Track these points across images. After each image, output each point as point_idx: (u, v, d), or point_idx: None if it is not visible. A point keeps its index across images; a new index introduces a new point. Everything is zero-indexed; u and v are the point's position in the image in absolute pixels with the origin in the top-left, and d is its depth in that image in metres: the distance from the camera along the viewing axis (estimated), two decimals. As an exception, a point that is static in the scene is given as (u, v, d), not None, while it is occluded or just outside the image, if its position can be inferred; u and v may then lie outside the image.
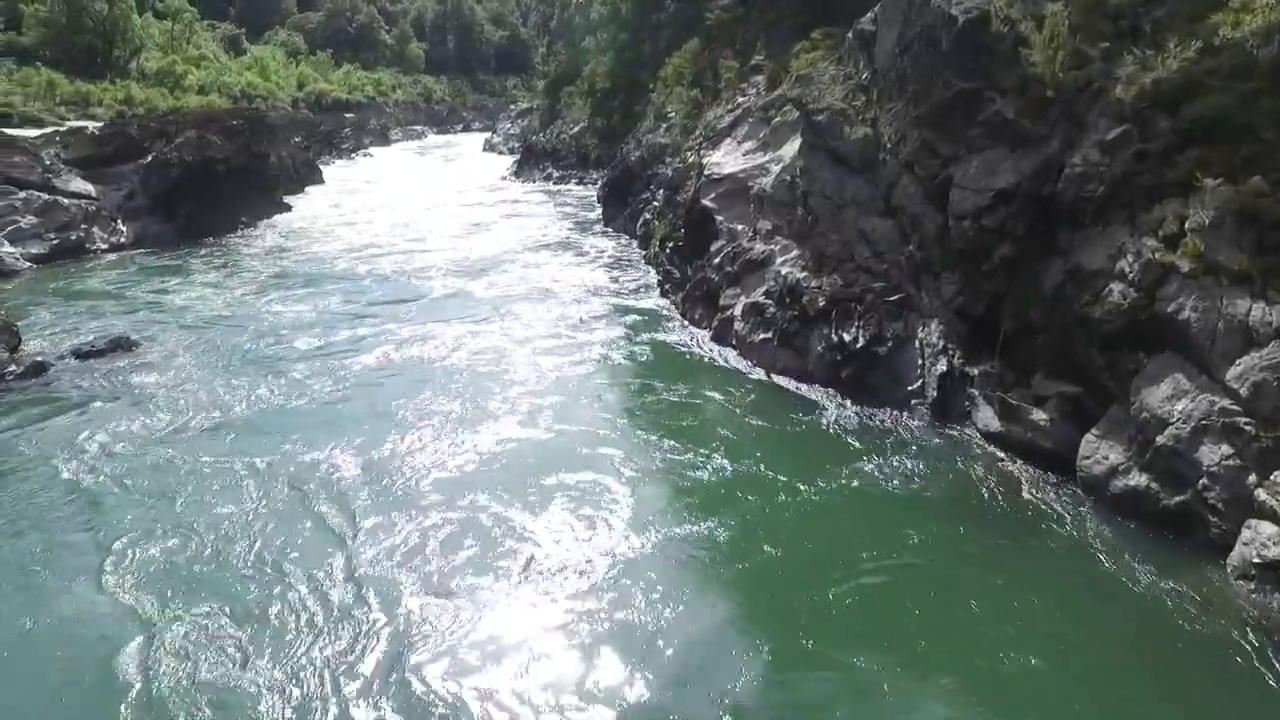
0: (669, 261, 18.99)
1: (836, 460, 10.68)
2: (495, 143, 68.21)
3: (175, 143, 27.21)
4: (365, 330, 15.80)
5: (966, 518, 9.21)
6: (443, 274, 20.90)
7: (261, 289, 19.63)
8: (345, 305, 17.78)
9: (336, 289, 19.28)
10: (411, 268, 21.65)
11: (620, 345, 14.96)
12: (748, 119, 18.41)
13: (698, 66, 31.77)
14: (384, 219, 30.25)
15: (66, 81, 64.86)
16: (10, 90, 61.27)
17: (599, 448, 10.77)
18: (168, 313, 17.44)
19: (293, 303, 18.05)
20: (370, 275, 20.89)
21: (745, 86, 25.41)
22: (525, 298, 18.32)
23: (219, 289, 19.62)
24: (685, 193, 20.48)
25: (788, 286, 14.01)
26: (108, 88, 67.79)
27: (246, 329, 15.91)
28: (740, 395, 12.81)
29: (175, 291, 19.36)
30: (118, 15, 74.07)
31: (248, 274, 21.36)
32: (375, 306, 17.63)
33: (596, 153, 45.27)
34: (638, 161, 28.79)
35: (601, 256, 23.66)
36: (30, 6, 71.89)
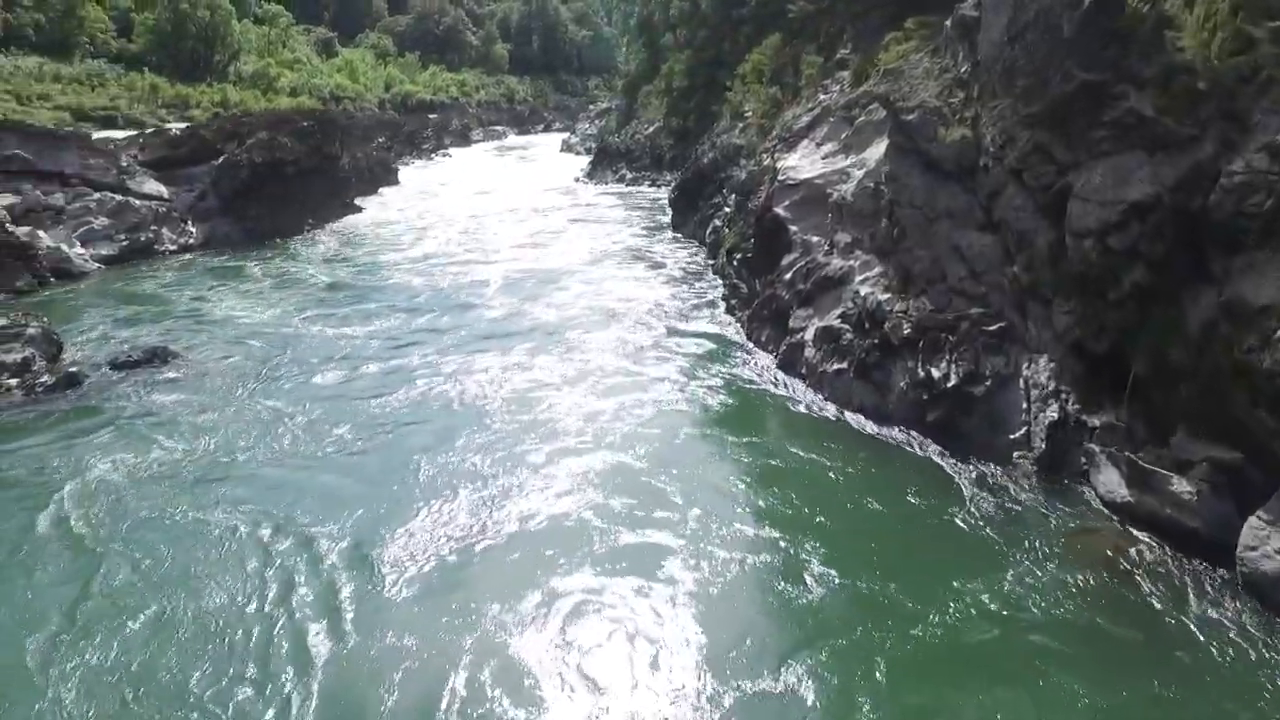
0: (736, 274, 17.39)
1: (918, 525, 8.94)
2: (572, 143, 67.63)
3: (246, 144, 27.20)
4: (407, 361, 14.41)
5: (1078, 622, 7.35)
6: (500, 291, 19.55)
7: (310, 302, 18.77)
8: (392, 328, 16.53)
9: (386, 308, 18.10)
10: (468, 282, 20.52)
11: (677, 380, 13.27)
12: (827, 119, 16.63)
13: (778, 63, 29.93)
14: (449, 224, 29.59)
15: (168, 85, 67.78)
16: (117, 94, 64.37)
17: (647, 523, 8.99)
18: (212, 324, 16.87)
19: (337, 322, 16.97)
20: (424, 291, 19.66)
21: (828, 83, 23.50)
22: (582, 321, 16.72)
23: (268, 300, 18.96)
24: (757, 199, 18.83)
25: (867, 310, 12.23)
26: (205, 90, 70.58)
27: (284, 351, 14.93)
28: (807, 439, 11.14)
29: (225, 299, 18.92)
30: (218, 21, 77.23)
31: (301, 284, 20.73)
32: (422, 332, 16.24)
33: (671, 154, 43.82)
34: (710, 164, 27.21)
35: (666, 268, 22.20)
36: (140, 15, 75.58)
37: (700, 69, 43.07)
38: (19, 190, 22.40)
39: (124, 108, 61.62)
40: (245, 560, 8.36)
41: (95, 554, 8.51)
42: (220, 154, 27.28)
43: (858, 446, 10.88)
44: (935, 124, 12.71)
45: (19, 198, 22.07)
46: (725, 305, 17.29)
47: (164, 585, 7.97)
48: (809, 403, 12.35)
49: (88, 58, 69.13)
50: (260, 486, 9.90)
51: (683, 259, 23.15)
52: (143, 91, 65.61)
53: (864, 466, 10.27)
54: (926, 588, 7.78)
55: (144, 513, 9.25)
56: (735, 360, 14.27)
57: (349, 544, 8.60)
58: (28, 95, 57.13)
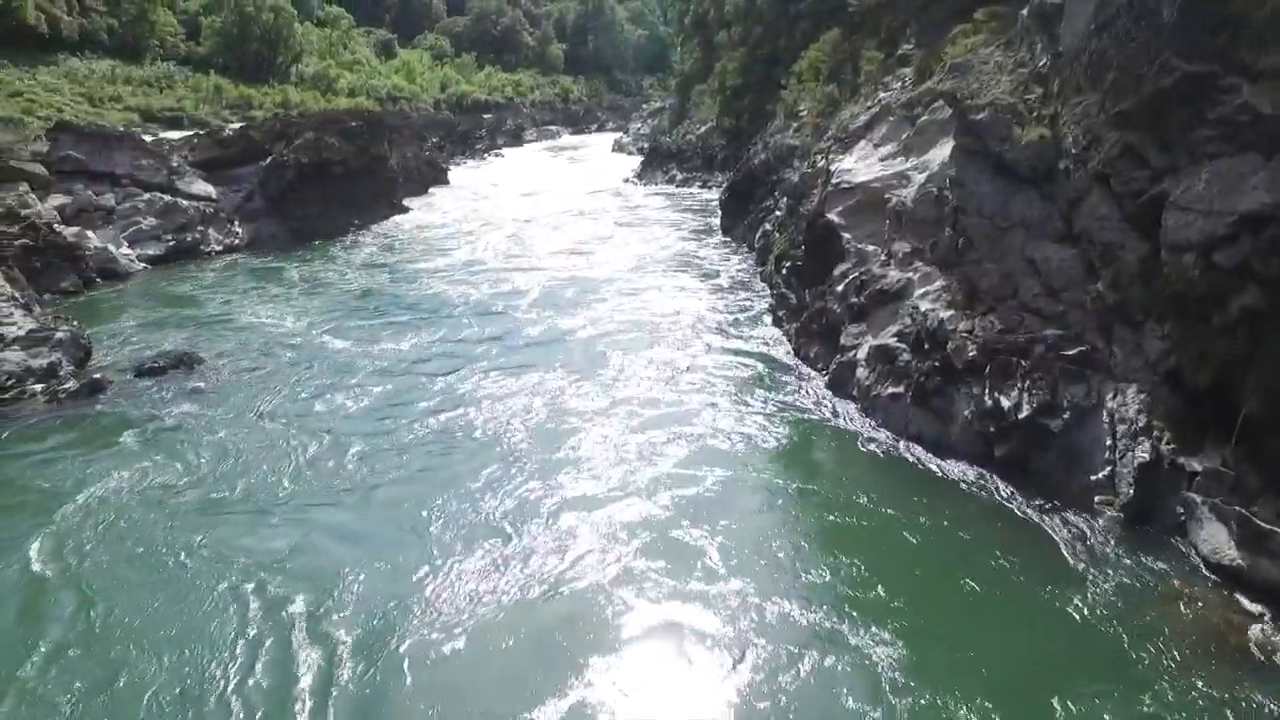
0: (785, 283, 16.32)
1: (989, 587, 7.82)
2: (624, 143, 67.00)
3: (294, 145, 27.16)
4: (431, 382, 13.38)
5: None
6: (538, 302, 18.57)
7: (342, 310, 18.16)
8: (420, 344, 15.62)
9: (417, 320, 17.27)
10: (506, 292, 19.56)
11: (717, 407, 12.08)
12: (887, 117, 15.45)
13: (836, 60, 28.64)
14: (493, 227, 29.01)
15: (232, 86, 69.42)
16: (184, 96, 66.16)
17: (677, 595, 7.80)
18: (241, 330, 16.37)
19: (365, 336, 16.06)
20: (458, 303, 18.71)
21: (888, 80, 22.19)
22: (620, 339, 15.63)
23: (299, 306, 18.35)
24: (809, 203, 17.73)
25: (928, 328, 11.09)
26: (268, 91, 72.12)
27: (308, 364, 14.19)
28: (861, 477, 10.05)
29: (258, 304, 18.55)
30: (281, 24, 78.92)
31: (335, 290, 20.10)
32: (451, 348, 15.33)
33: (722, 154, 42.75)
34: (761, 165, 26.11)
35: (712, 276, 21.20)
36: (207, 19, 77.70)
37: (754, 67, 41.92)
38: (71, 190, 22.63)
39: (189, 109, 63.29)
40: (231, 613, 7.57)
41: (74, 588, 7.96)
42: (269, 155, 27.30)
43: (917, 486, 9.75)
44: (1008, 123, 11.49)
45: (70, 198, 22.29)
46: (773, 317, 16.25)
47: (139, 635, 7.26)
48: (861, 431, 11.24)
49: (158, 60, 71.26)
50: (264, 521, 9.16)
51: (730, 265, 22.13)
52: (207, 93, 67.33)
53: (925, 513, 9.12)
54: (1002, 677, 6.68)
55: (137, 545, 8.64)
56: (781, 381, 13.21)
57: (350, 604, 7.68)
58: (100, 97, 59.11)
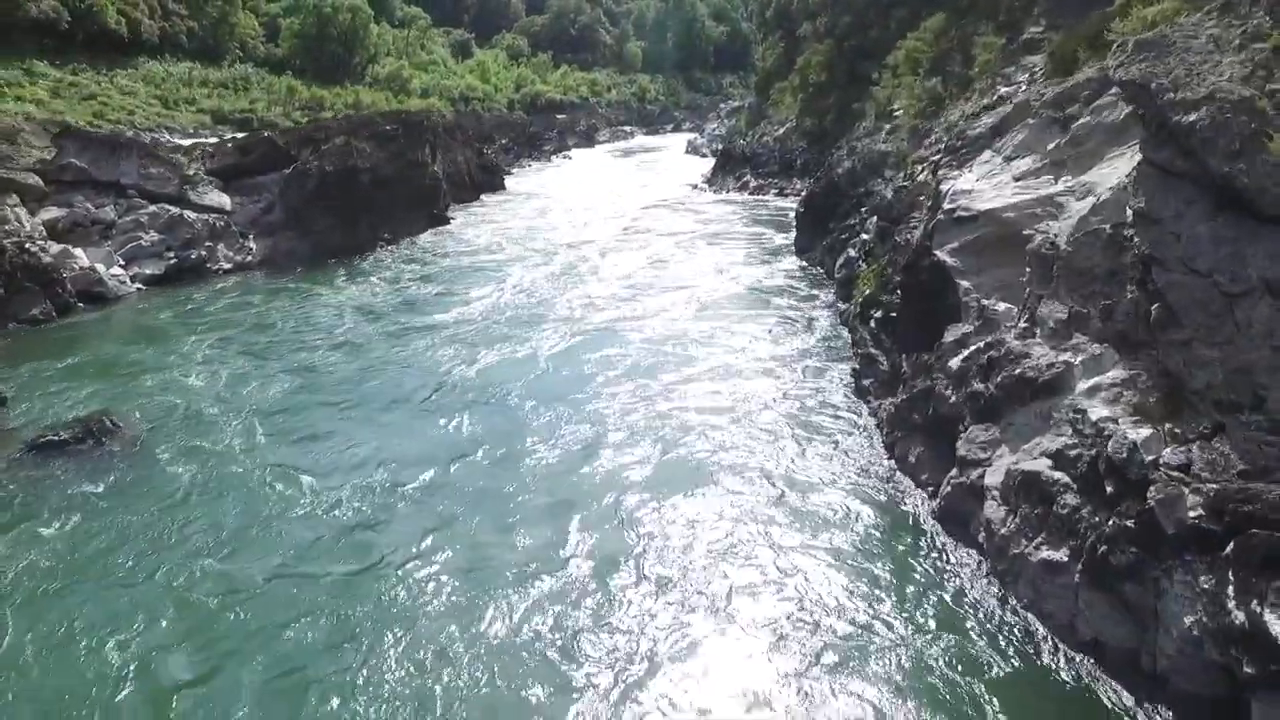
0: (873, 339, 12.31)
1: None
2: (698, 144, 63.21)
3: (320, 151, 24.57)
4: (414, 481, 10.06)
5: None
6: (552, 372, 14.22)
7: (322, 365, 14.57)
8: (416, 419, 12.10)
9: (421, 381, 13.65)
10: (535, 341, 15.63)
11: (780, 525, 8.37)
12: (1024, 120, 11.25)
13: (939, 49, 24.20)
14: (535, 245, 25.53)
15: (304, 87, 68.97)
16: (257, 97, 65.98)
17: None
18: (194, 384, 13.20)
19: (349, 404, 12.62)
20: (454, 368, 14.39)
21: (1011, 72, 17.76)
22: (658, 408, 12.04)
23: (274, 353, 15.11)
24: (907, 231, 13.64)
25: (1109, 456, 7.00)
26: (340, 92, 71.49)
27: (248, 446, 10.84)
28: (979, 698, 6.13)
29: (229, 346, 15.43)
30: (357, 25, 78.50)
31: (326, 332, 16.58)
32: (449, 425, 11.76)
33: (802, 159, 38.54)
34: (846, 175, 21.96)
35: (781, 310, 17.25)
36: (286, 20, 77.86)
37: (841, 61, 37.61)
38: (70, 203, 20.50)
39: (260, 110, 62.84)
40: None
41: None
42: (294, 161, 24.80)
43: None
44: (1242, 129, 7.30)
45: (66, 211, 20.14)
46: (856, 384, 12.25)
47: None
48: (991, 613, 7.23)
49: (236, 62, 71.55)
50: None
51: (803, 298, 18.06)
52: (280, 94, 66.98)
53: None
54: None
55: None
56: (868, 477, 9.27)
57: None
58: (175, 100, 59.18)
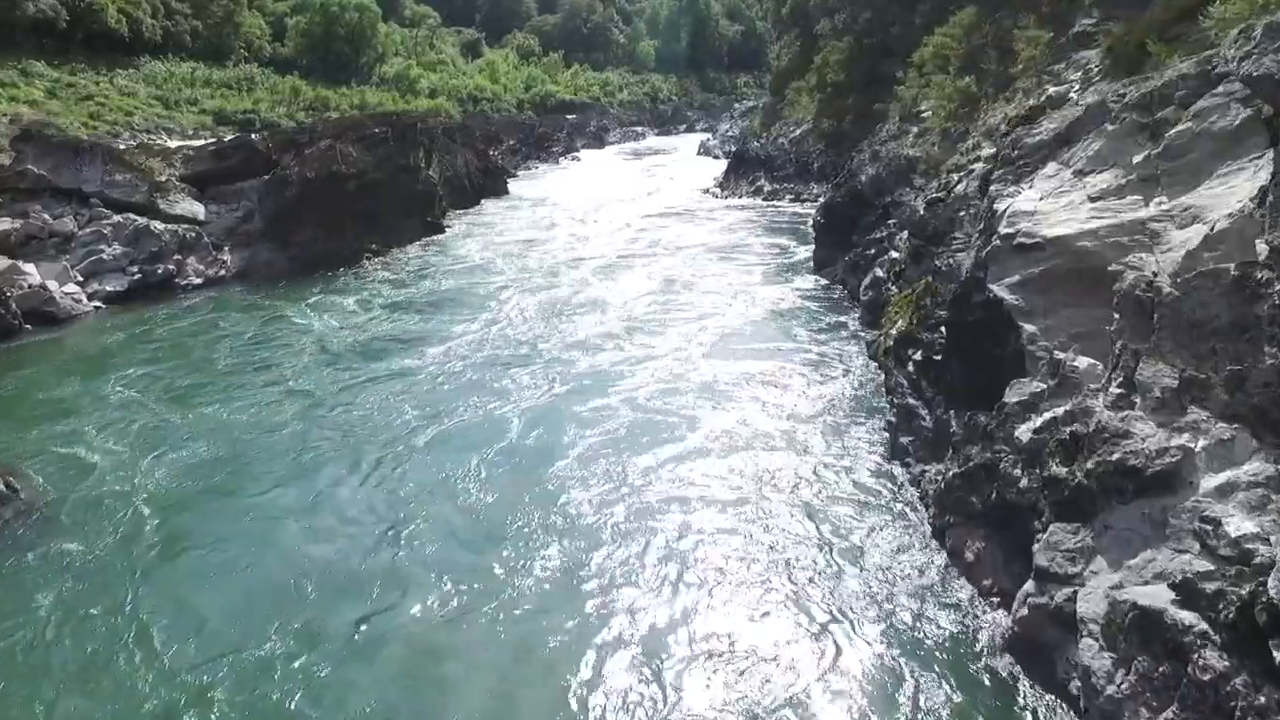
0: (911, 385, 10.38)
1: None
2: (710, 146, 61.30)
3: (303, 155, 22.88)
4: (347, 573, 8.38)
5: None
6: (547, 418, 12.22)
7: (276, 416, 12.51)
8: (338, 518, 9.82)
9: (356, 457, 11.20)
10: (512, 396, 13.15)
11: (803, 656, 6.54)
12: (1098, 125, 9.30)
13: (970, 45, 22.21)
14: (539, 258, 23.64)
15: (309, 88, 67.56)
16: (260, 98, 64.61)
17: None
18: (124, 437, 11.37)
19: (277, 478, 10.59)
20: (437, 412, 12.54)
21: (1060, 68, 15.80)
22: (651, 496, 9.82)
23: (223, 395, 13.18)
24: (949, 254, 11.70)
25: (1269, 601, 5.07)
26: (345, 93, 70.06)
27: (158, 525, 9.28)
28: None
29: (177, 381, 13.67)
30: (365, 24, 77.15)
31: (293, 366, 14.66)
32: (403, 504, 9.86)
33: (819, 162, 36.59)
34: (870, 183, 20.01)
35: (800, 343, 15.27)
36: (293, 19, 76.53)
37: (861, 59, 35.66)
38: (26, 213, 18.91)
39: (264, 111, 61.44)
40: None
41: None
42: (276, 167, 23.13)
43: None
44: None
45: (20, 222, 18.55)
46: (891, 441, 10.32)
47: None
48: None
49: (242, 62, 70.23)
50: None
51: (826, 332, 15.98)
52: (284, 94, 65.60)
53: None
54: None
55: None
56: (911, 611, 7.29)
57: None
58: (176, 100, 57.84)
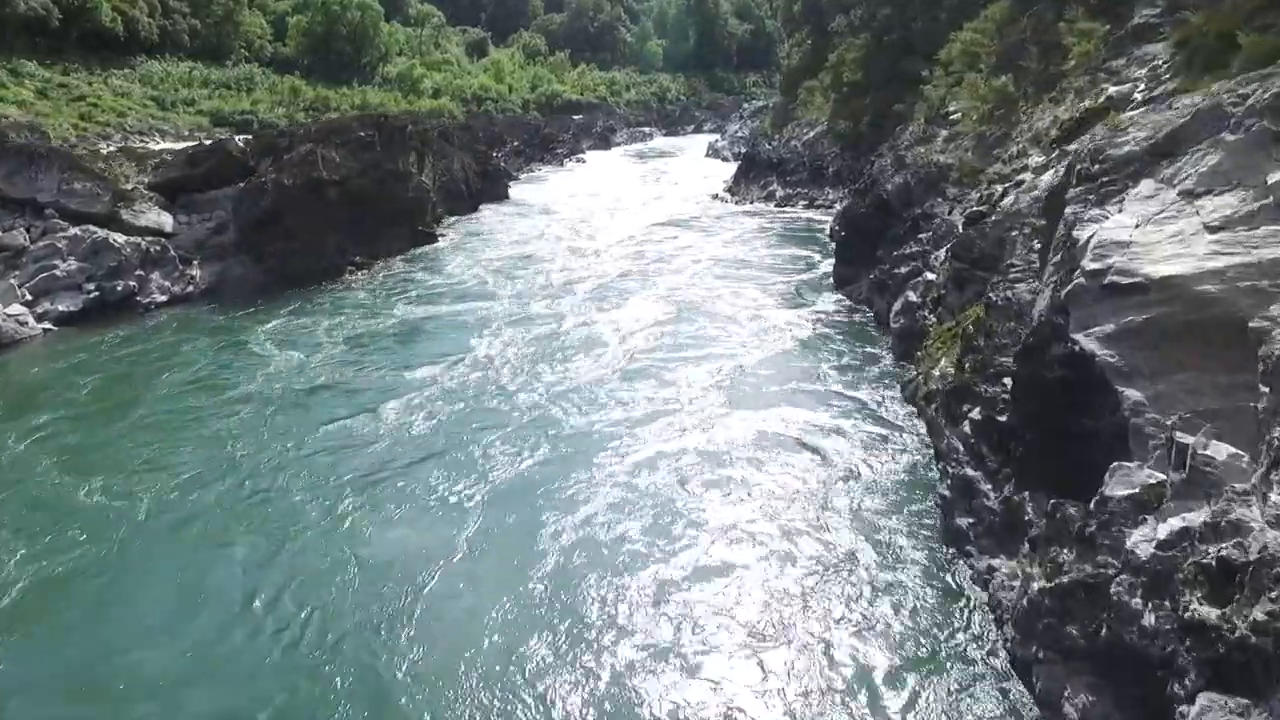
0: (969, 452, 8.52)
1: None
2: (719, 147, 59.46)
3: (281, 161, 21.20)
4: None
5: None
6: (516, 504, 10.18)
7: (202, 476, 10.77)
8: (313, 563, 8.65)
9: (293, 528, 9.60)
10: (478, 467, 11.07)
11: None
12: (1213, 134, 7.46)
13: (1008, 40, 20.34)
14: (532, 276, 21.64)
15: (309, 88, 66.07)
16: (259, 98, 63.10)
17: None
18: (24, 496, 9.85)
19: (184, 567, 8.88)
20: (385, 490, 10.56)
21: (1120, 65, 13.92)
22: (642, 608, 7.95)
23: (146, 448, 11.44)
24: (1006, 284, 9.85)
25: None
26: (346, 93, 68.55)
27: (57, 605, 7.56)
28: None
29: (106, 424, 11.93)
30: (367, 23, 75.69)
31: (236, 413, 12.75)
32: None
33: (835, 165, 34.74)
34: (898, 191, 18.15)
35: (826, 383, 13.33)
36: (294, 18, 75.06)
37: (880, 57, 33.74)
38: (-26, 225, 17.29)
39: (262, 112, 59.95)
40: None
41: None
42: (253, 174, 21.47)
43: None
44: None
45: (-36, 236, 16.92)
46: (943, 520, 8.47)
47: None
48: None
49: (242, 62, 68.75)
50: None
51: (854, 371, 13.94)
52: (283, 95, 64.10)
53: None
54: None
55: None
56: None
57: None
58: (172, 101, 56.37)
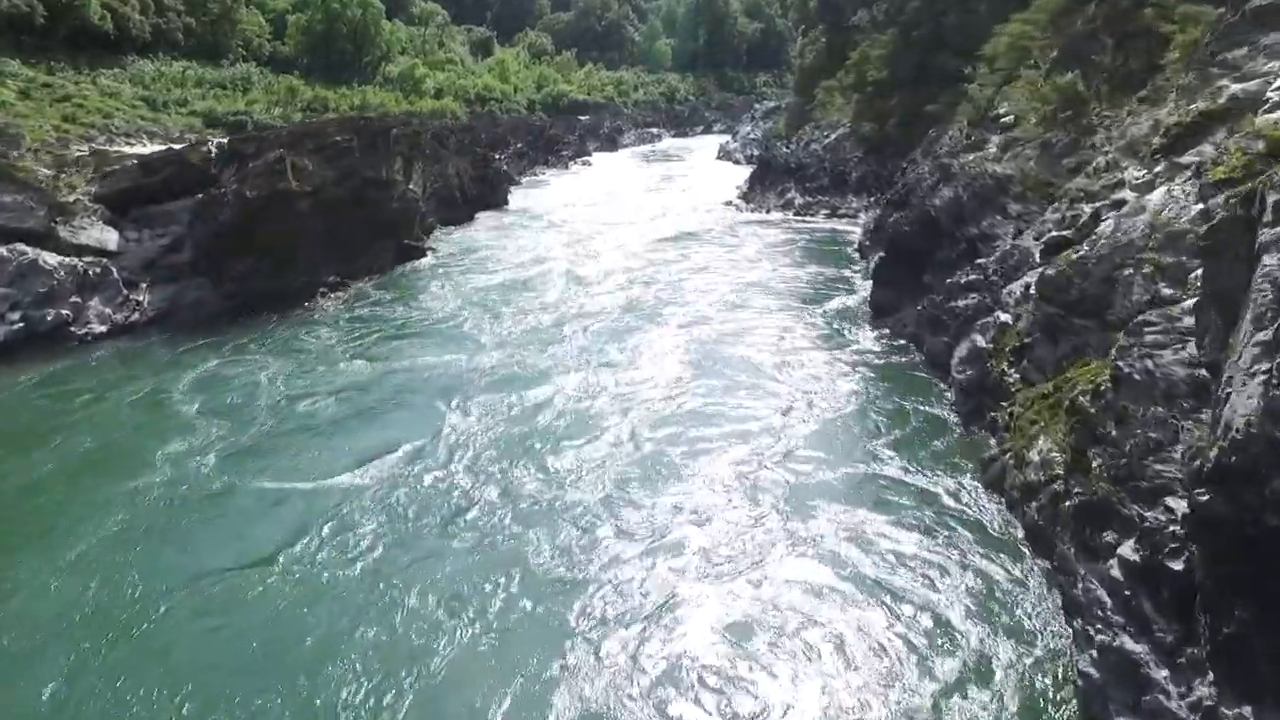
0: (1126, 614, 5.93)
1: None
2: (731, 149, 56.91)
3: (245, 170, 18.83)
4: None
5: None
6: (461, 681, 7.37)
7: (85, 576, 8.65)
8: None
9: None
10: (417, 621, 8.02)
11: None
12: None
13: (1066, 32, 17.80)
14: (527, 307, 18.81)
15: (307, 87, 63.80)
16: (254, 98, 60.81)
17: None
18: None
19: None
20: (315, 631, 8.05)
21: (1240, 57, 11.36)
22: None
23: (26, 538, 9.28)
24: (1138, 348, 7.35)
25: None
26: (345, 93, 66.19)
27: None
28: None
29: None
30: (368, 21, 73.38)
31: (134, 510, 10.11)
32: None
33: (859, 171, 32.17)
34: (948, 207, 15.61)
35: (880, 467, 10.62)
36: (293, 16, 72.87)
37: (908, 54, 31.11)
38: (-119, 245, 14.97)
39: (258, 112, 57.69)
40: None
41: None
42: (216, 184, 19.10)
43: None
44: None
45: None
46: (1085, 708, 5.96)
47: None
48: None
49: (240, 61, 66.51)
50: None
51: (915, 443, 11.05)
52: (280, 95, 61.82)
53: None
54: None
55: None
56: None
57: None
58: (164, 102, 54.18)
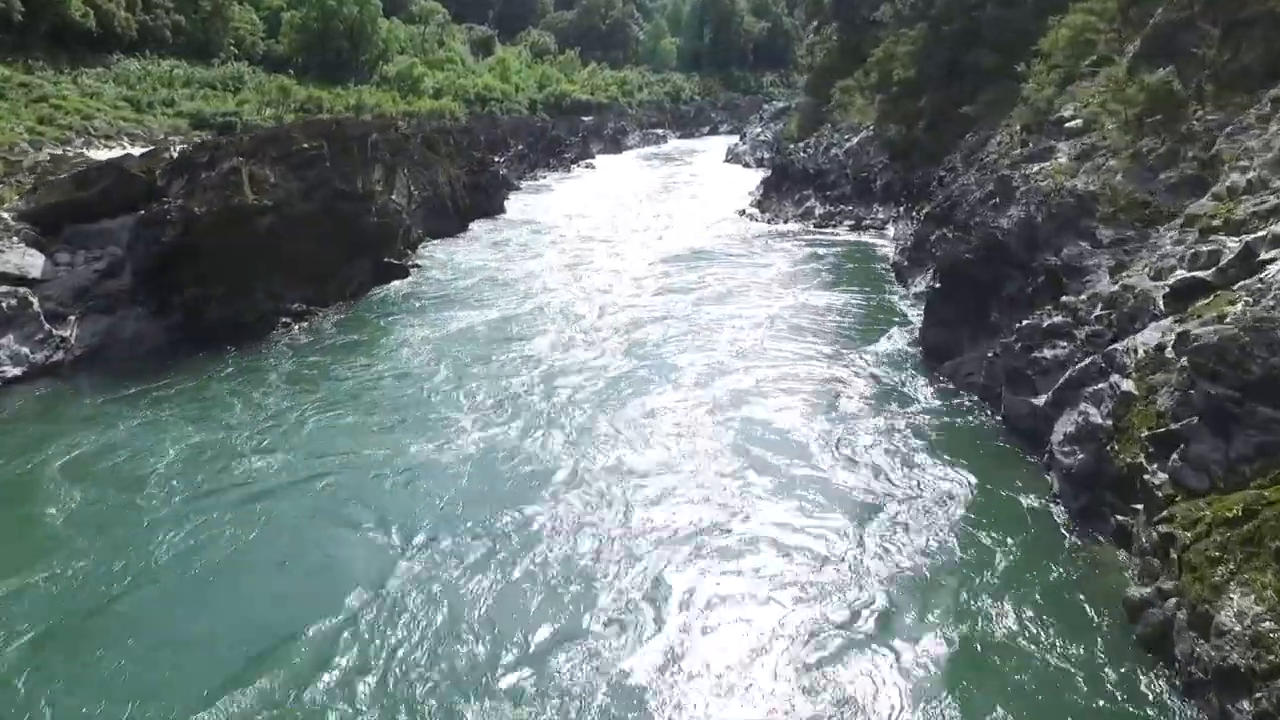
0: None
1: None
2: (739, 152, 54.48)
3: (195, 182, 16.40)
4: None
5: None
6: None
7: None
8: None
9: None
10: None
11: None
12: None
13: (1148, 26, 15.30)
14: (512, 349, 15.71)
15: (300, 87, 61.39)
16: (245, 98, 58.37)
17: None
18: None
19: None
20: None
21: None
22: None
23: None
24: None
25: None
26: (340, 93, 63.81)
27: None
28: None
29: None
30: (365, 19, 71.02)
31: None
32: None
33: (885, 178, 29.64)
34: (1019, 230, 13.07)
35: (962, 588, 8.02)
36: (288, 13, 70.52)
37: (938, 51, 28.59)
38: None
39: (248, 113, 55.28)
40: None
41: None
42: (162, 197, 16.67)
43: None
44: None
45: None
46: None
47: None
48: None
49: (232, 60, 64.11)
50: None
51: (1023, 565, 8.23)
52: (272, 95, 59.39)
53: None
54: None
55: None
56: None
57: None
58: (149, 102, 51.82)
